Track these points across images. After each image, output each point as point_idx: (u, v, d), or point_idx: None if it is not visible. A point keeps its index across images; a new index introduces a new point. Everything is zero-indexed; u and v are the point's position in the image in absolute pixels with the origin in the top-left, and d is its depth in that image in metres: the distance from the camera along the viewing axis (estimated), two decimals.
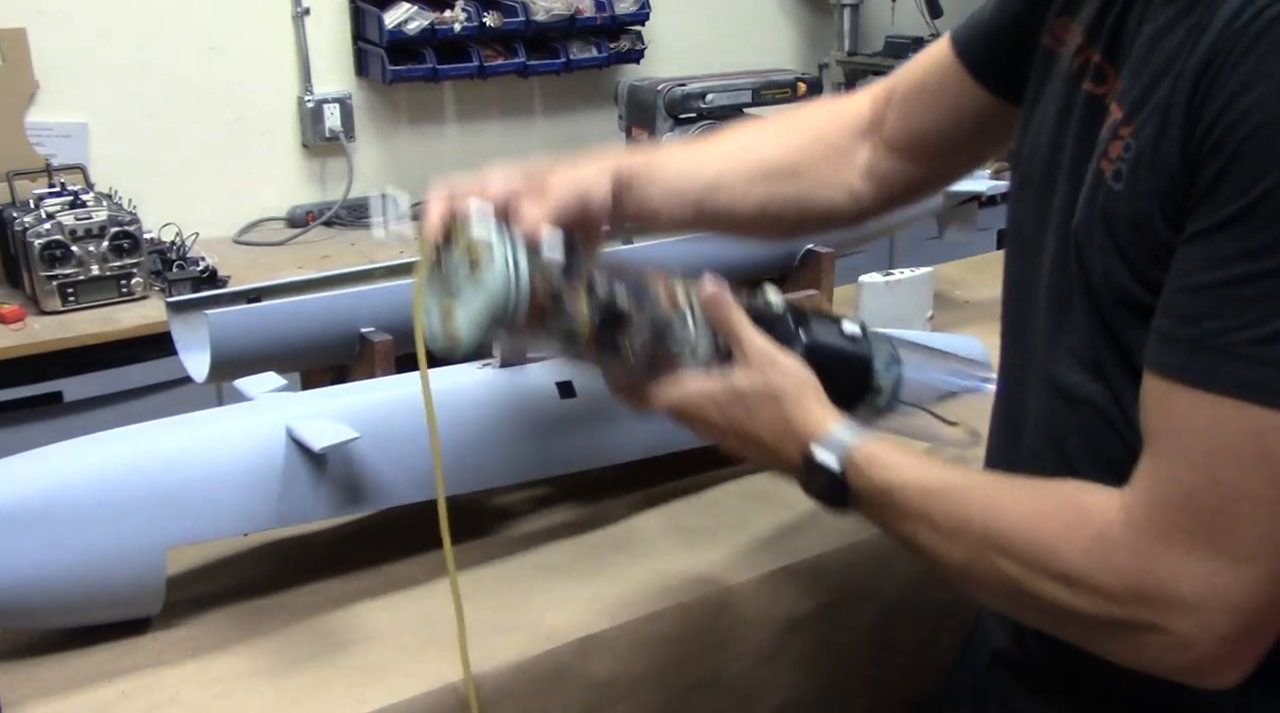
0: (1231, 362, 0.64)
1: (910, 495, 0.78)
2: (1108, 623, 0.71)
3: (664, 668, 0.98)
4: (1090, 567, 0.70)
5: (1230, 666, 0.69)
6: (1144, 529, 0.69)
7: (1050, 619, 0.75)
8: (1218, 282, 0.65)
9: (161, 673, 0.89)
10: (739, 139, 1.05)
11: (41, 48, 2.40)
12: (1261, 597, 0.67)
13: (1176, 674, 0.70)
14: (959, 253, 2.05)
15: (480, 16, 2.75)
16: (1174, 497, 0.68)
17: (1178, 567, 0.68)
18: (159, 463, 0.91)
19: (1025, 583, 0.73)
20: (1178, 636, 0.68)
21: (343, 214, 2.77)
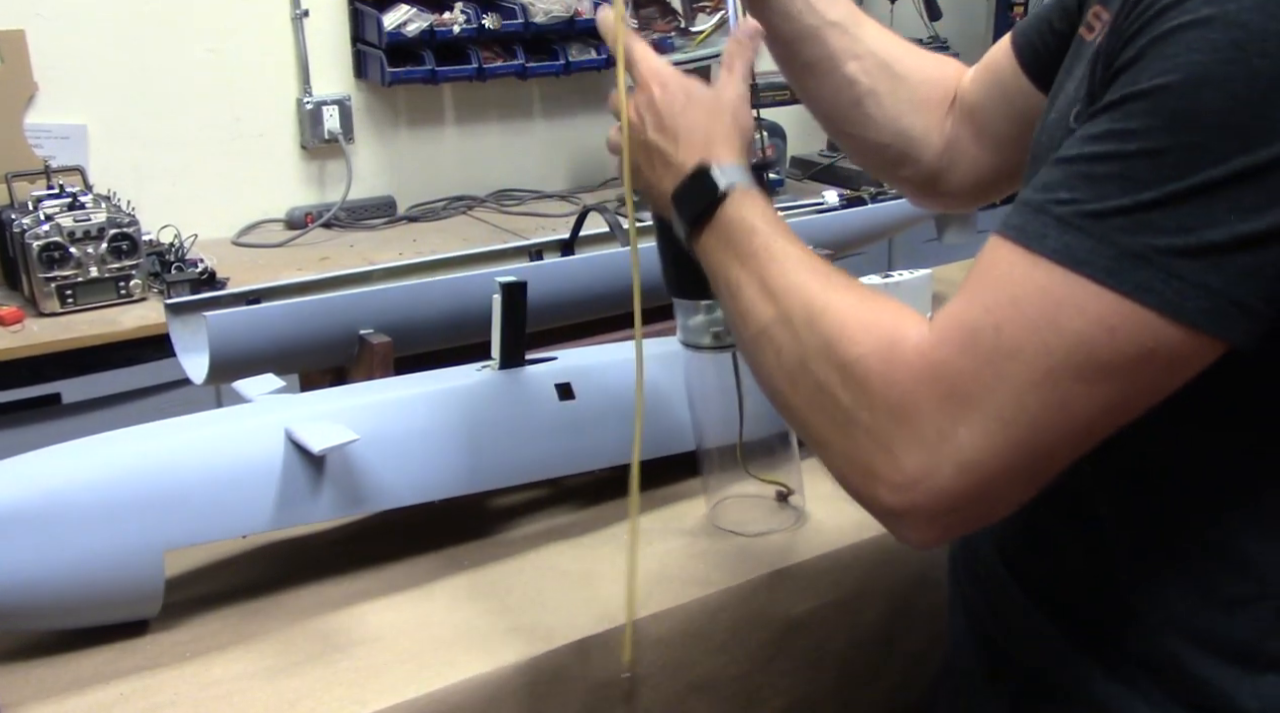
0: (1061, 229, 0.65)
1: (759, 242, 0.80)
2: (854, 428, 0.71)
3: (663, 669, 0.97)
4: (867, 366, 0.71)
5: (930, 525, 0.69)
6: (924, 354, 0.70)
7: (811, 407, 0.75)
8: (1080, 156, 0.66)
9: (160, 675, 0.89)
10: (872, 20, 1.06)
11: (41, 49, 2.40)
12: (990, 465, 0.66)
13: (883, 515, 0.71)
14: (958, 255, 2.05)
15: (479, 18, 2.75)
16: (959, 333, 0.68)
17: (934, 402, 0.68)
18: (158, 465, 0.91)
19: (810, 359, 0.74)
20: (904, 471, 0.68)
21: (341, 216, 2.77)
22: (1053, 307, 0.65)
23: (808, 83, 1.06)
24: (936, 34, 3.35)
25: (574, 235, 1.46)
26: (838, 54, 1.03)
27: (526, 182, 3.08)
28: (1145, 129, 0.63)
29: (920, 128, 1.06)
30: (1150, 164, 0.63)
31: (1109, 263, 0.63)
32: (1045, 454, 0.68)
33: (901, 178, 1.12)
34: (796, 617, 1.05)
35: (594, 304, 1.36)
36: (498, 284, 1.03)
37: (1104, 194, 0.64)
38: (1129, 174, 0.64)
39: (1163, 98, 0.63)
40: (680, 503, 1.15)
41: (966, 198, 1.12)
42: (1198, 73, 0.62)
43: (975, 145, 1.06)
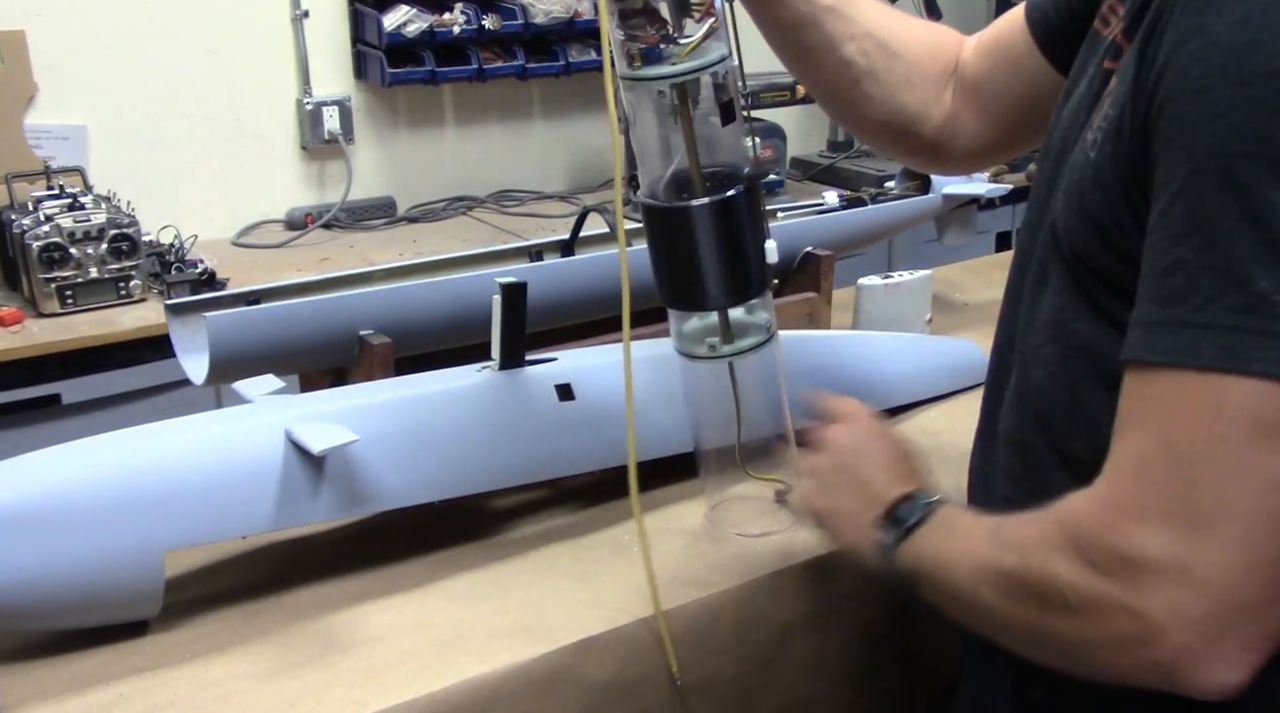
0: (1212, 335, 0.63)
1: (963, 519, 0.82)
2: (1083, 616, 0.68)
3: (663, 670, 0.97)
4: (1065, 534, 0.69)
5: (1217, 659, 0.65)
6: (1103, 501, 0.68)
7: (1039, 625, 0.73)
8: (1187, 254, 0.64)
9: (160, 675, 0.89)
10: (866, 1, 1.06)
11: (41, 50, 2.40)
12: (1231, 571, 0.63)
13: (1163, 673, 0.66)
14: (958, 256, 2.06)
15: (479, 19, 2.75)
16: (1131, 469, 0.67)
17: (1134, 535, 0.65)
18: (157, 465, 0.91)
19: (1017, 573, 0.73)
20: (1148, 619, 0.65)
21: (341, 217, 2.77)
22: (1216, 407, 0.63)
23: (806, 67, 1.07)
24: None
25: (574, 236, 1.46)
26: (834, 37, 1.03)
27: (526, 182, 3.08)
28: (1233, 203, 0.62)
29: (918, 103, 1.06)
30: (1260, 233, 0.62)
31: (1276, 353, 0.62)
32: (1276, 532, 0.64)
33: (904, 150, 1.12)
34: (796, 618, 1.05)
35: (594, 305, 1.36)
36: (498, 285, 1.03)
37: (1236, 282, 0.62)
38: (1245, 254, 0.62)
39: (1228, 165, 0.62)
40: (680, 504, 1.15)
41: (970, 164, 1.14)
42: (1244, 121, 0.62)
43: (977, 118, 1.06)
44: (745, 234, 0.96)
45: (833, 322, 1.52)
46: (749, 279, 0.98)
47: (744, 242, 0.96)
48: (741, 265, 0.96)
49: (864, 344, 1.33)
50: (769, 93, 2.90)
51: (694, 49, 0.90)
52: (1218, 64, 0.63)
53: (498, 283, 1.03)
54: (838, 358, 1.27)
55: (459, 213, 2.91)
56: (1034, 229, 0.86)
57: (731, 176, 0.96)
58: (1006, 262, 0.95)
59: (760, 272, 0.98)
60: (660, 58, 0.91)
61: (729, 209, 0.94)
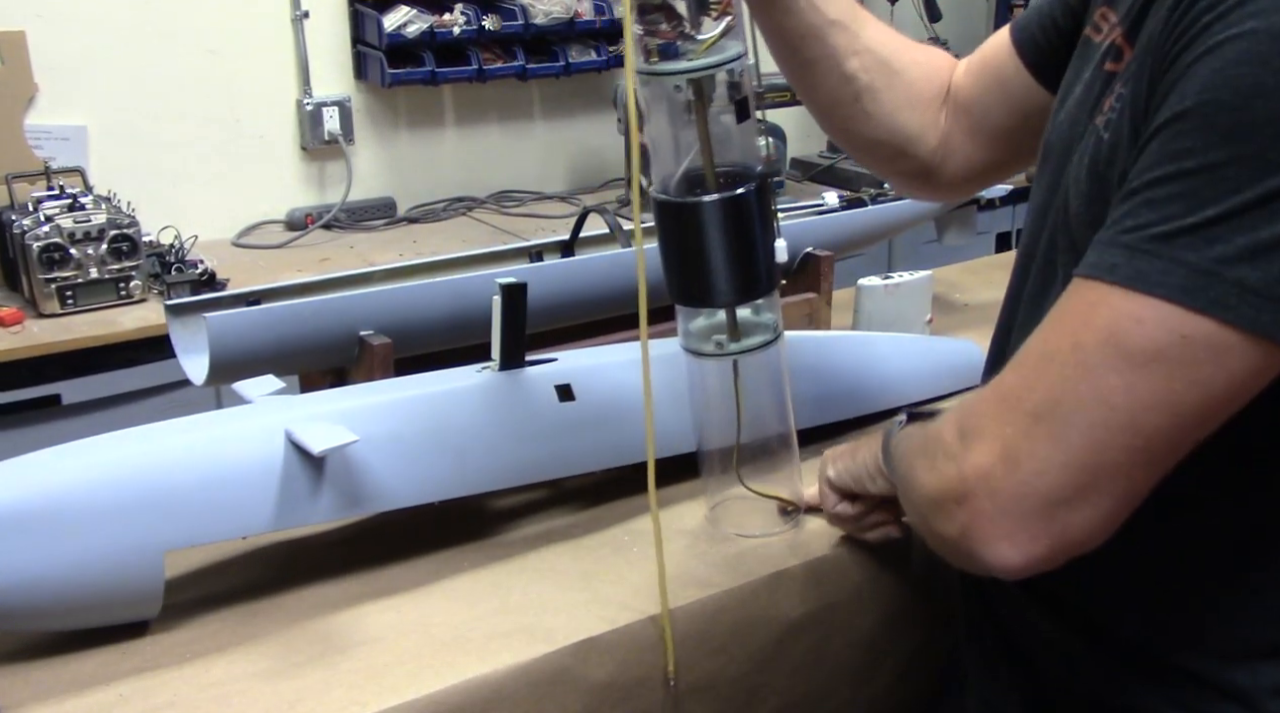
0: (1130, 255, 0.66)
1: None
2: (934, 470, 0.75)
3: (663, 671, 0.97)
4: (951, 417, 0.77)
5: (1004, 536, 0.69)
6: (992, 383, 0.74)
7: (912, 475, 0.81)
8: (1142, 184, 0.67)
9: (160, 676, 0.89)
10: (871, 16, 1.08)
11: (41, 50, 2.40)
12: (1040, 460, 0.67)
13: (960, 540, 0.72)
14: (958, 256, 2.06)
15: (479, 20, 2.75)
16: (1033, 356, 0.71)
17: (988, 409, 0.72)
18: (157, 466, 0.91)
19: (924, 432, 0.81)
20: (964, 480, 0.71)
21: (341, 217, 2.77)
22: (1120, 333, 0.66)
23: (807, 80, 1.07)
24: (936, 35, 3.35)
25: (574, 237, 1.46)
26: (838, 51, 1.03)
27: (526, 183, 3.08)
28: (1201, 146, 0.64)
29: (915, 124, 1.07)
30: (1209, 179, 0.63)
31: (1181, 282, 0.64)
32: (1106, 462, 0.67)
33: (897, 172, 1.12)
34: (796, 619, 1.05)
35: (594, 305, 1.36)
36: (498, 285, 1.03)
37: (1168, 215, 0.64)
38: (1190, 192, 0.64)
39: (1214, 113, 0.63)
40: (680, 504, 1.15)
41: (960, 189, 1.13)
42: (1247, 85, 0.62)
43: (969, 140, 1.06)
44: (756, 232, 0.97)
45: (833, 322, 1.52)
46: (758, 277, 0.98)
47: (754, 239, 0.97)
48: (751, 263, 0.97)
49: (864, 344, 1.33)
50: (769, 93, 2.90)
51: (711, 45, 0.91)
52: (1237, 20, 0.64)
53: (498, 283, 1.03)
54: (838, 358, 1.27)
55: (459, 213, 2.91)
56: (1035, 235, 0.86)
57: (743, 175, 0.96)
58: (1006, 262, 0.95)
59: (769, 270, 0.99)
60: (677, 54, 0.92)
61: (741, 206, 0.95)
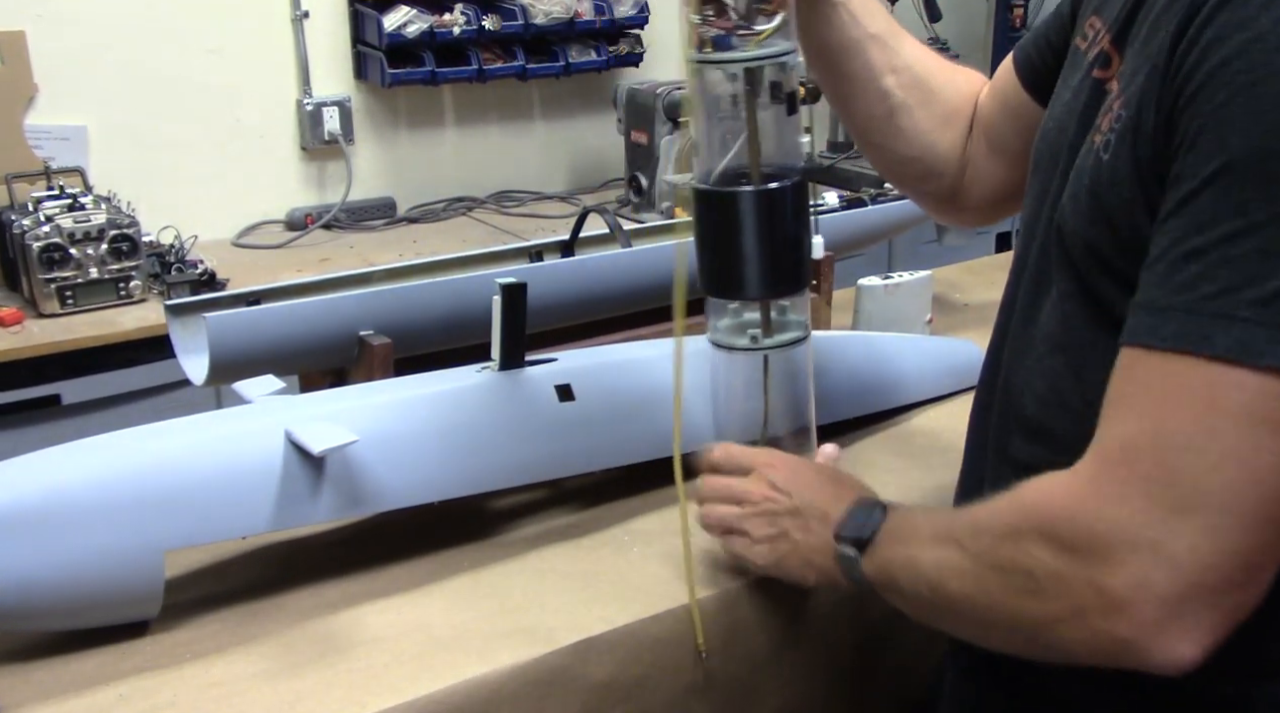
0: (1227, 325, 0.63)
1: (918, 519, 0.84)
2: (1048, 592, 0.69)
3: (662, 671, 0.97)
4: (1039, 515, 0.71)
5: (1177, 638, 0.66)
6: (1084, 482, 0.69)
7: (1003, 603, 0.74)
8: (1208, 244, 0.64)
9: (160, 676, 0.89)
10: (909, 34, 1.07)
11: (41, 50, 2.40)
12: (1203, 555, 0.64)
13: (1123, 648, 0.67)
14: (958, 256, 2.06)
15: (479, 20, 2.75)
16: (1115, 450, 0.67)
17: (1112, 514, 0.66)
18: (157, 466, 0.91)
19: (984, 554, 0.74)
20: (1114, 594, 0.66)
21: (341, 217, 2.77)
22: (1208, 394, 0.63)
23: (844, 94, 1.07)
24: (936, 35, 3.35)
25: (574, 237, 1.46)
26: (877, 66, 1.04)
27: (526, 183, 3.08)
28: (1264, 197, 0.62)
29: (946, 142, 1.07)
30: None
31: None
32: (1268, 539, 0.65)
33: (926, 192, 1.12)
34: (797, 618, 1.05)
35: (594, 306, 1.36)
36: (498, 285, 1.03)
37: (1254, 276, 0.62)
38: (1268, 247, 0.62)
39: (1267, 160, 0.61)
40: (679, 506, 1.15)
41: (986, 213, 1.13)
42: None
43: (989, 161, 1.07)
44: (793, 227, 0.97)
45: (833, 322, 1.52)
46: (794, 273, 0.99)
47: (792, 234, 0.97)
48: (787, 258, 0.98)
49: (864, 344, 1.33)
50: None
51: (765, 39, 0.92)
52: (1263, 60, 0.62)
53: (498, 283, 1.03)
54: (838, 358, 1.27)
55: (459, 213, 2.91)
56: (1026, 245, 0.86)
57: (785, 171, 0.97)
58: (1006, 262, 0.95)
59: (803, 267, 0.99)
60: (730, 46, 0.93)
61: (781, 199, 0.95)
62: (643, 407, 1.10)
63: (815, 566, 0.91)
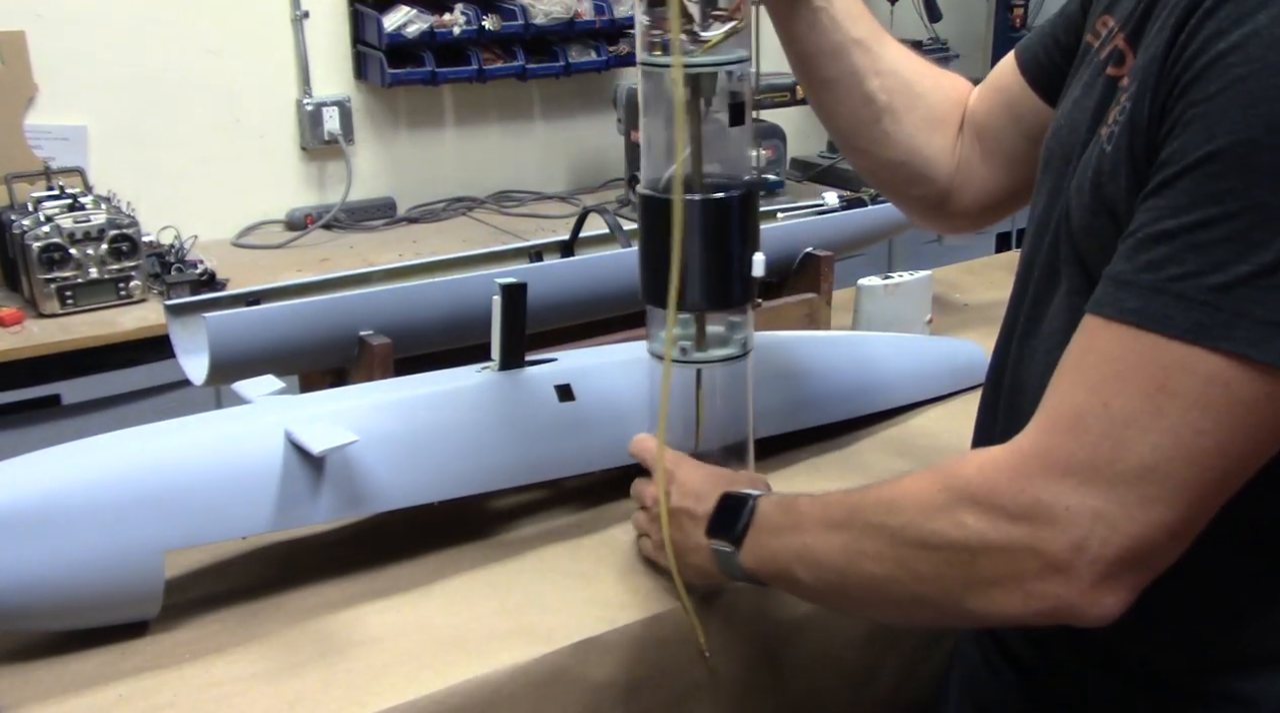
0: (1186, 307, 0.65)
1: (805, 502, 0.85)
2: (986, 557, 0.71)
3: (663, 671, 0.97)
4: (969, 494, 0.72)
5: (1107, 596, 0.69)
6: (1028, 451, 0.71)
7: (933, 574, 0.75)
8: (1180, 227, 0.65)
9: (160, 676, 0.89)
10: (893, 38, 1.07)
11: (41, 50, 2.40)
12: (1139, 524, 0.67)
13: (1057, 609, 0.70)
14: (958, 256, 2.05)
15: (479, 20, 2.75)
16: (1063, 419, 0.69)
17: (1057, 483, 0.69)
18: (157, 466, 0.91)
19: (904, 535, 0.75)
20: (1054, 557, 0.69)
21: (341, 217, 2.77)
22: (1161, 373, 0.65)
23: (827, 98, 1.06)
24: (936, 35, 3.35)
25: (574, 237, 1.46)
26: (860, 71, 1.03)
27: (526, 183, 3.08)
28: (1242, 187, 0.63)
29: (935, 146, 1.06)
30: (1257, 221, 0.63)
31: (1248, 335, 0.63)
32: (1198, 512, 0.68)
33: (913, 197, 1.12)
34: (798, 618, 1.04)
35: (594, 306, 1.36)
36: (497, 285, 1.03)
37: (1219, 262, 0.64)
38: (1238, 236, 0.63)
39: (1252, 152, 0.62)
40: None
41: (975, 218, 1.12)
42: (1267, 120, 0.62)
43: (984, 165, 1.06)
44: (733, 241, 0.95)
45: (833, 322, 1.52)
46: (730, 288, 0.97)
47: (730, 248, 0.95)
48: (724, 272, 0.96)
49: (864, 345, 1.33)
50: (768, 93, 2.90)
51: (714, 46, 0.91)
52: (1259, 54, 0.63)
53: (498, 283, 1.03)
54: (838, 358, 1.27)
55: (459, 213, 2.91)
56: (1037, 240, 0.86)
57: (730, 183, 0.96)
58: (1007, 262, 0.95)
59: (744, 284, 0.97)
60: (681, 50, 0.91)
61: (720, 211, 0.94)
62: (643, 407, 1.10)
63: (694, 566, 0.93)
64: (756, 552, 0.87)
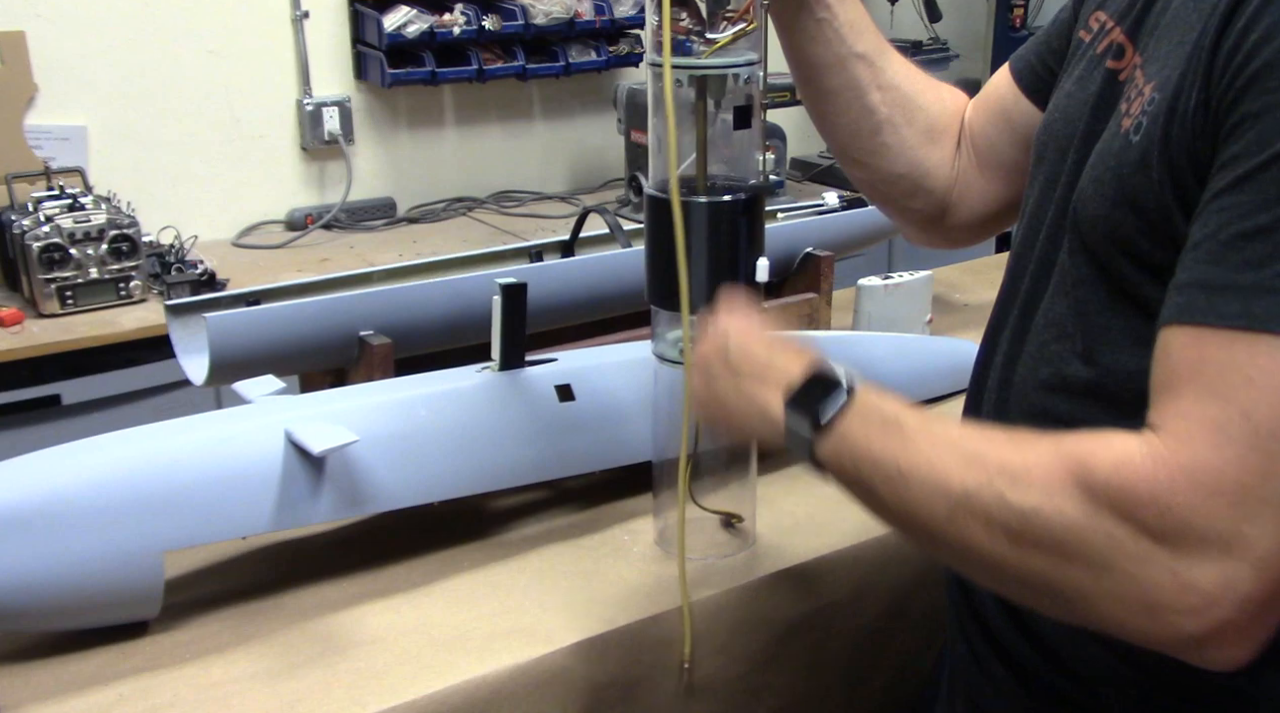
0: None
1: (915, 422, 0.74)
2: (1119, 564, 0.64)
3: (662, 671, 0.98)
4: (1111, 493, 0.64)
5: (1242, 638, 0.64)
6: (1168, 459, 0.64)
7: (1050, 562, 0.67)
8: (1275, 221, 0.62)
9: (160, 676, 0.89)
10: (895, 51, 1.06)
11: (41, 51, 2.40)
12: (1271, 537, 0.61)
13: (1186, 645, 0.64)
14: (958, 256, 2.05)
15: (479, 20, 2.75)
16: (1208, 437, 0.63)
17: (1206, 505, 0.62)
18: (157, 466, 0.91)
19: (1035, 512, 0.67)
20: (1200, 590, 0.62)
21: (341, 217, 2.77)
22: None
23: (828, 110, 1.06)
24: (936, 35, 3.35)
25: (574, 237, 1.46)
26: (862, 84, 1.03)
27: (526, 183, 3.08)
28: None
29: (935, 159, 1.06)
30: None
31: None
32: None
33: (911, 210, 1.11)
34: (796, 618, 1.05)
35: (594, 306, 1.36)
36: (498, 285, 1.03)
37: None
38: None
39: None
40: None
41: (973, 231, 1.11)
42: None
43: (982, 177, 1.06)
44: (738, 243, 0.95)
45: (833, 322, 1.52)
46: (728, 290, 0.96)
47: (735, 250, 0.95)
48: (727, 274, 0.95)
49: (864, 344, 1.33)
50: (769, 93, 2.90)
51: (722, 48, 0.91)
52: None
53: (498, 283, 1.03)
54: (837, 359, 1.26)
55: (459, 213, 2.91)
56: (1029, 238, 0.86)
57: (737, 186, 0.96)
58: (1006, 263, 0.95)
59: (747, 286, 0.96)
60: (689, 51, 0.91)
61: (726, 214, 0.94)
62: (643, 407, 1.10)
63: (747, 426, 0.83)
64: (839, 449, 0.76)
